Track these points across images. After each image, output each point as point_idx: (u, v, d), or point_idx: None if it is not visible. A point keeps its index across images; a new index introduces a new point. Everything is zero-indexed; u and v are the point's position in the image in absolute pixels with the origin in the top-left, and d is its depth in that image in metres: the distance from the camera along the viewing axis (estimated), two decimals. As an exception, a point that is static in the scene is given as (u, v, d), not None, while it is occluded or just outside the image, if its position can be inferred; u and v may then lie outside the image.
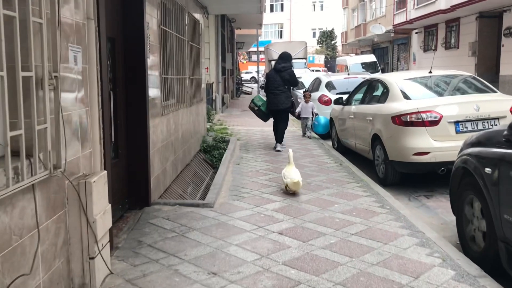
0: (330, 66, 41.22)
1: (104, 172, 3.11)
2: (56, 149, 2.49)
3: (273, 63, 10.55)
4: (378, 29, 27.17)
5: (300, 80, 14.26)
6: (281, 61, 8.51)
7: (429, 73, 6.89)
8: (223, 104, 17.23)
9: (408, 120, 5.87)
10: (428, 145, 5.78)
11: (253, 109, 9.12)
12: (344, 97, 8.73)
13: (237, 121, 13.91)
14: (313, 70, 28.00)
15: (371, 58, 26.52)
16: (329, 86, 12.10)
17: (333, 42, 51.16)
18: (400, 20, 25.24)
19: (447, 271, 3.31)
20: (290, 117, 9.02)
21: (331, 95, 11.32)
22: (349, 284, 3.10)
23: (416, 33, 25.33)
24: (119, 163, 4.49)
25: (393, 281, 3.15)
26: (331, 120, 9.51)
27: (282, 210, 4.80)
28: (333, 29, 50.82)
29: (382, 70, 25.85)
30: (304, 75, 17.94)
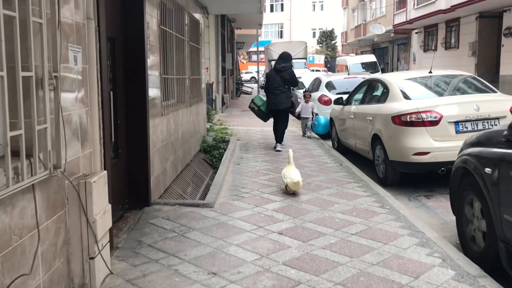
0: (330, 66, 41.22)
1: (104, 172, 3.11)
2: (56, 149, 2.49)
3: (273, 63, 10.55)
4: (378, 29, 27.17)
5: (300, 80, 14.27)
6: (281, 61, 8.50)
7: (429, 73, 6.89)
8: (223, 104, 17.24)
9: (408, 120, 5.88)
10: (428, 145, 5.78)
11: (253, 109, 9.12)
12: (344, 97, 8.74)
13: (237, 121, 13.91)
14: (313, 70, 28.00)
15: (371, 58, 26.51)
16: (329, 86, 12.10)
17: (333, 42, 51.17)
18: (400, 20, 25.25)
19: (447, 271, 3.31)
20: (290, 117, 9.02)
21: (331, 95, 11.32)
22: (349, 284, 3.10)
23: (416, 33, 25.33)
24: (119, 163, 4.49)
25: (393, 281, 3.15)
26: (331, 120, 9.51)
27: (282, 210, 4.80)
28: (333, 29, 50.83)
29: (382, 70, 25.84)
30: (304, 75, 17.94)
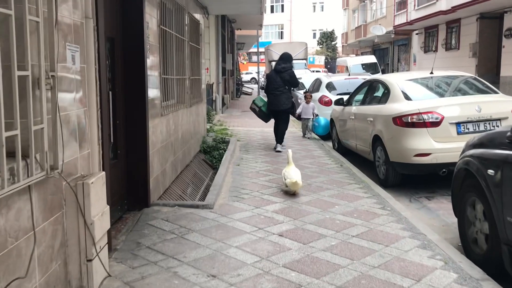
0: (330, 67, 41.18)
1: (102, 173, 3.08)
2: (53, 149, 2.45)
3: (273, 64, 10.51)
4: (379, 30, 27.15)
5: (300, 81, 14.23)
6: (281, 62, 8.47)
7: (430, 74, 6.85)
8: (223, 104, 17.20)
9: (409, 121, 5.84)
10: (429, 146, 5.74)
11: (254, 110, 9.09)
12: (344, 97, 8.70)
13: (237, 121, 13.88)
14: (313, 71, 27.96)
15: (371, 59, 26.49)
16: (330, 87, 12.07)
17: (333, 43, 51.15)
18: (401, 21, 25.24)
19: (449, 274, 3.27)
20: (290, 117, 8.99)
21: (332, 96, 11.30)
22: (350, 287, 3.06)
23: (416, 34, 25.31)
24: (118, 163, 4.45)
25: (395, 284, 3.11)
26: (332, 121, 9.47)
27: (282, 211, 4.76)
28: (333, 30, 50.82)
29: (383, 71, 25.81)
30: (305, 75, 17.90)
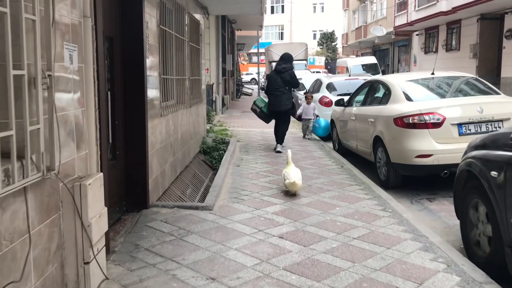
0: (330, 67, 41.16)
1: (100, 174, 3.03)
2: (49, 150, 2.40)
3: (273, 64, 10.48)
4: (379, 31, 27.09)
5: (301, 82, 14.20)
6: (281, 62, 8.44)
7: (431, 74, 6.81)
8: (223, 105, 17.16)
9: (411, 122, 5.80)
10: (431, 147, 5.70)
11: (255, 111, 9.06)
12: (345, 98, 8.66)
13: (237, 122, 13.84)
14: (313, 72, 27.92)
15: (371, 60, 26.42)
16: (330, 87, 12.04)
17: (333, 43, 51.13)
18: (401, 22, 25.20)
19: (452, 277, 3.22)
20: (291, 118, 8.95)
21: (332, 97, 11.25)
22: (352, 290, 3.02)
23: (417, 35, 25.27)
24: (116, 164, 4.41)
25: (397, 287, 3.06)
26: (332, 121, 9.43)
27: (283, 213, 4.72)
28: (333, 30, 50.80)
29: (383, 72, 25.76)
30: (305, 76, 17.87)
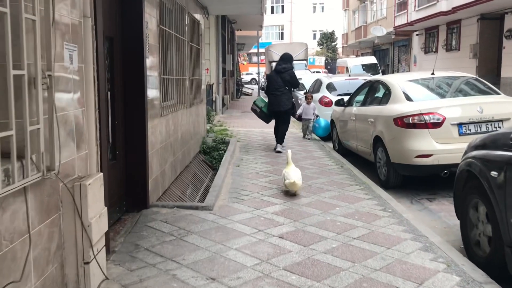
0: (330, 67, 41.15)
1: (100, 174, 3.03)
2: (49, 150, 2.40)
3: (273, 64, 10.47)
4: (379, 31, 27.09)
5: (301, 82, 14.20)
6: (281, 62, 8.43)
7: (431, 74, 6.81)
8: (223, 105, 17.16)
9: (411, 122, 5.80)
10: (431, 147, 5.70)
11: (255, 111, 9.05)
12: (345, 98, 8.66)
13: (237, 122, 13.84)
14: (313, 72, 27.91)
15: (371, 60, 26.42)
16: (330, 87, 12.03)
17: (333, 44, 51.12)
18: (401, 22, 25.19)
19: (452, 277, 3.22)
20: (291, 118, 8.94)
21: (332, 97, 11.25)
22: (352, 291, 3.02)
23: (417, 35, 25.26)
24: (116, 164, 4.41)
25: (397, 287, 3.06)
26: (332, 121, 9.43)
27: (283, 213, 4.72)
28: (333, 30, 50.78)
29: (383, 72, 25.75)
30: (305, 76, 17.87)
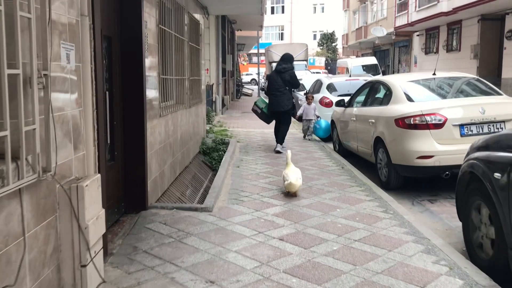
0: (330, 68, 41.13)
1: (98, 176, 2.98)
2: (45, 151, 2.36)
3: (273, 65, 10.45)
4: (379, 32, 27.06)
5: (301, 82, 14.16)
6: (282, 62, 8.40)
7: (432, 75, 6.76)
8: (223, 105, 17.12)
9: (412, 122, 5.75)
10: (432, 148, 5.65)
11: (256, 112, 9.02)
12: (345, 99, 8.62)
13: (237, 122, 13.79)
14: (313, 72, 27.87)
15: (372, 60, 26.38)
16: (330, 88, 11.99)
17: (333, 44, 51.09)
18: (402, 22, 25.16)
19: (454, 280, 3.18)
20: (291, 119, 8.90)
21: (332, 97, 11.21)
22: (353, 294, 2.97)
23: (417, 35, 25.23)
24: (115, 165, 4.36)
25: (399, 290, 3.02)
26: (333, 122, 9.38)
27: (283, 214, 4.67)
28: (333, 31, 50.76)
29: (383, 72, 25.71)
30: (305, 77, 17.83)
